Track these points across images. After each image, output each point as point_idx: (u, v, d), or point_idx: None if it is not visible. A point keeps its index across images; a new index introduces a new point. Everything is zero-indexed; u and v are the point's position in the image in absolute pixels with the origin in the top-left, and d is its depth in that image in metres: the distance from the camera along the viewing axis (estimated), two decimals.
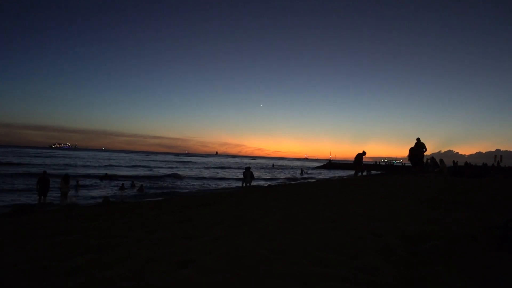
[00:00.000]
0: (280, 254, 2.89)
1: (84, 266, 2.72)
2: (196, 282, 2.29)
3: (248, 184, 19.55)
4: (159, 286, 2.26)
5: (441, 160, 18.64)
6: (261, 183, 27.43)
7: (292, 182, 27.09)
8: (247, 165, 23.30)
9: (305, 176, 43.60)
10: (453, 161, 25.67)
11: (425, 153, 16.54)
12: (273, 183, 26.61)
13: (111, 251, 3.19)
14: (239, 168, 59.46)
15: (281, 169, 71.23)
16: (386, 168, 61.80)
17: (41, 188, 14.32)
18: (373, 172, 52.15)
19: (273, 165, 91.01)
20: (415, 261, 2.64)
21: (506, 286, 2.23)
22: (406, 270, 2.47)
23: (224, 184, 27.69)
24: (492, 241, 3.03)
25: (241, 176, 21.78)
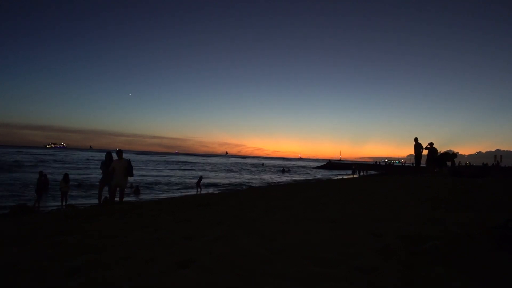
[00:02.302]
0: (280, 254, 2.89)
1: (84, 266, 2.71)
2: (196, 282, 2.29)
3: (118, 191, 9.87)
4: (159, 286, 2.26)
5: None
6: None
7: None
8: (117, 150, 10.52)
9: (287, 177, 43.69)
10: (453, 161, 25.61)
11: (423, 153, 16.53)
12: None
13: (111, 251, 3.19)
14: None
15: (270, 168, 72.13)
16: (386, 168, 61.84)
17: (39, 189, 14.39)
18: (364, 172, 52.05)
19: (263, 164, 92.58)
20: (415, 261, 2.64)
21: (506, 286, 2.23)
22: (406, 270, 2.46)
23: None
24: (492, 241, 3.03)
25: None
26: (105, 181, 10.31)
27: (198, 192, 21.12)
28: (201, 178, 24.63)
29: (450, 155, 15.09)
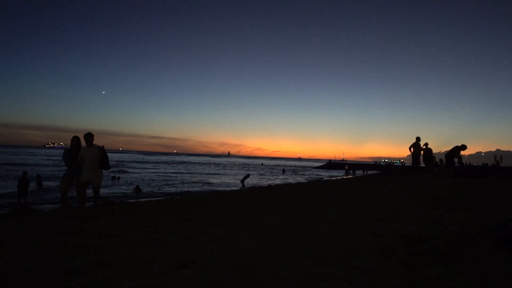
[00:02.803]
0: (280, 254, 2.88)
1: (84, 266, 2.71)
2: (196, 282, 2.29)
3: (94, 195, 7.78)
4: (159, 286, 2.26)
5: (440, 160, 18.64)
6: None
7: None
8: (86, 133, 7.94)
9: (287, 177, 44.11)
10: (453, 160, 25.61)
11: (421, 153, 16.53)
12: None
13: (111, 251, 3.19)
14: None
15: (267, 168, 72.84)
16: (386, 168, 61.88)
17: (20, 189, 14.46)
18: (364, 172, 51.97)
19: (261, 164, 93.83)
20: (415, 261, 2.64)
21: (506, 286, 2.23)
22: (406, 270, 2.46)
23: None
24: (492, 241, 3.02)
25: None
26: (73, 176, 7.76)
27: (243, 189, 20.97)
28: (247, 176, 24.45)
29: (459, 147, 14.63)
